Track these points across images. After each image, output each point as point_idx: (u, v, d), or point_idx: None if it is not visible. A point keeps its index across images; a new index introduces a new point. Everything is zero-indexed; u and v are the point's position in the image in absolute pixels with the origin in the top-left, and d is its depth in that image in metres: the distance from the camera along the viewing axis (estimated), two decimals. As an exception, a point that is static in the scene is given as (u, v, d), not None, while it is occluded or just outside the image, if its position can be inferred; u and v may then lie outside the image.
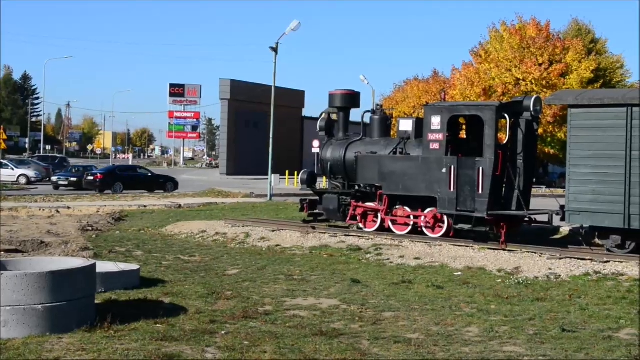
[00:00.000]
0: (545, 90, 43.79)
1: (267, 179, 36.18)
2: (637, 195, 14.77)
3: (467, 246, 16.47)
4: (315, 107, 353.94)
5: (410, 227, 18.03)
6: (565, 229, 18.75)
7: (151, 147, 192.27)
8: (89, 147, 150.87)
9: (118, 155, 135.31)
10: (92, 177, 40.87)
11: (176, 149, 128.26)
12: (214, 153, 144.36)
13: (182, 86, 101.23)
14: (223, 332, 9.08)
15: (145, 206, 28.86)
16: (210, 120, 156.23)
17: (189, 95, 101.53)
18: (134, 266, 12.94)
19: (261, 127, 63.27)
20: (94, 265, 9.70)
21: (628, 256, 14.88)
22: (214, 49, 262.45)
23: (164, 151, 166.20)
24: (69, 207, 27.23)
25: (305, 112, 76.44)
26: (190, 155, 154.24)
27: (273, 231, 19.26)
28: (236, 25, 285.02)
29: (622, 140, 14.92)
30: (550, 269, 14.30)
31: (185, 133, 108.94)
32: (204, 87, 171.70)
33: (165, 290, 11.77)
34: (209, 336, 8.88)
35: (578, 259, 14.89)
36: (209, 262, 15.42)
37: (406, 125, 18.51)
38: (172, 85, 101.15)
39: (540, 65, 45.58)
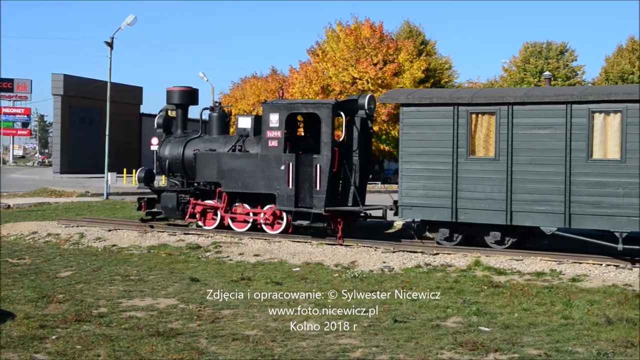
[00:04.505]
0: (380, 89, 45.12)
1: (104, 177, 35.12)
2: (464, 190, 15.58)
3: (306, 242, 16.75)
4: (153, 103, 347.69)
5: (249, 224, 18.10)
6: (398, 223, 19.46)
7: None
8: None
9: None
10: None
11: (5, 146, 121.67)
12: (46, 151, 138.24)
13: (10, 80, 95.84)
14: (54, 337, 8.76)
15: (-31, 207, 27.20)
16: (42, 116, 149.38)
17: (18, 90, 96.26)
18: (-44, 271, 12.20)
19: (97, 123, 61.18)
20: None
21: (455, 248, 15.68)
22: (46, 43, 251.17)
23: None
24: None
25: (144, 109, 74.77)
26: (20, 153, 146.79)
27: (109, 231, 18.74)
28: (70, 18, 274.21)
29: (450, 138, 15.67)
30: (384, 262, 14.82)
31: (15, 130, 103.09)
32: (34, 82, 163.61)
33: (-9, 296, 11.19)
34: (39, 342, 8.53)
35: (410, 252, 15.53)
36: (40, 265, 14.80)
37: (245, 122, 18.57)
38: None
39: (375, 64, 46.92)
